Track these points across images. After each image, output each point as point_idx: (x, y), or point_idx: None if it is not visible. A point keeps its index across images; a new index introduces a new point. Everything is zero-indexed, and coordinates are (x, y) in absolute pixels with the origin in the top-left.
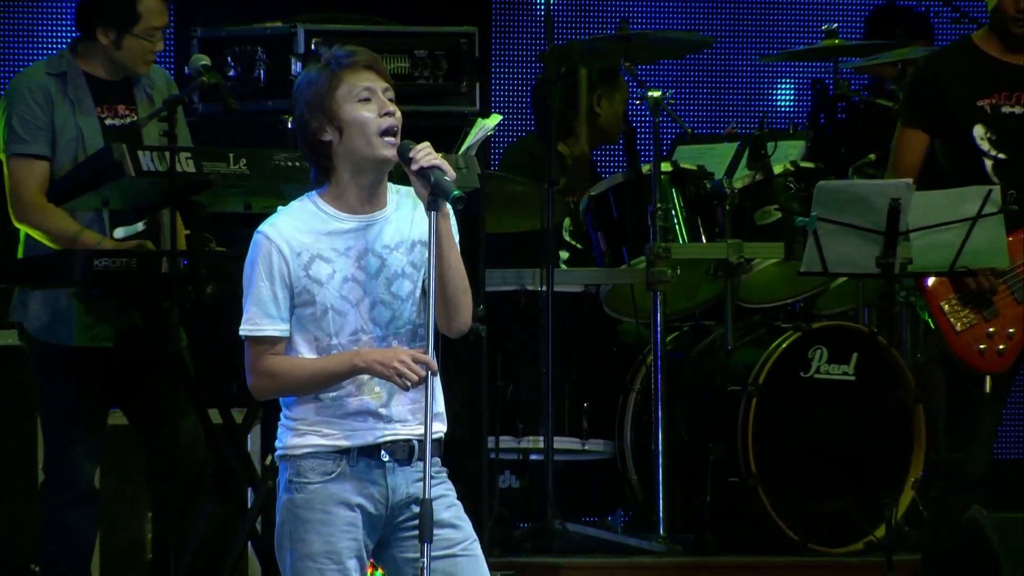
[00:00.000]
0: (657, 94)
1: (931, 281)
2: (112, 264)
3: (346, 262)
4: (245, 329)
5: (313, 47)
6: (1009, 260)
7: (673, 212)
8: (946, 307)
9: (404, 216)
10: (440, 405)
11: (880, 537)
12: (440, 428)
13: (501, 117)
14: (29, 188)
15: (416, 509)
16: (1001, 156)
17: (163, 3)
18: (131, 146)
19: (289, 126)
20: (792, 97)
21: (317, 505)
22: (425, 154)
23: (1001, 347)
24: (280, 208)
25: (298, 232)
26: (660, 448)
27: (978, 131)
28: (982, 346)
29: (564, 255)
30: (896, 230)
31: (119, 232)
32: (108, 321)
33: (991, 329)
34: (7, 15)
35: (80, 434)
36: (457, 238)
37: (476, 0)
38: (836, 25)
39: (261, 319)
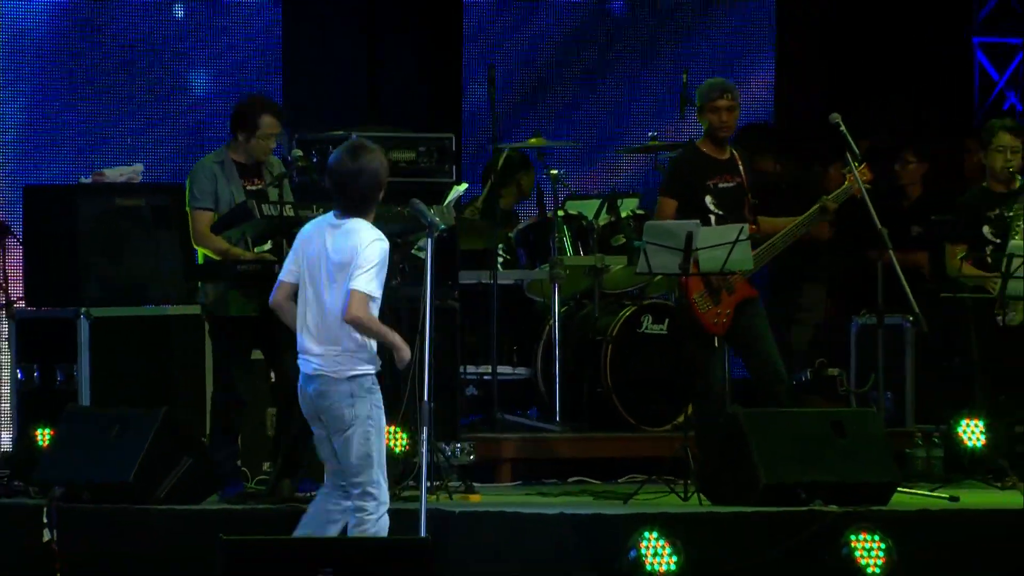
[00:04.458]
0: (555, 172)
1: (687, 280)
2: (248, 268)
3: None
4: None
5: None
6: (753, 265)
7: (565, 239)
8: (695, 296)
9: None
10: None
11: (680, 422)
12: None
13: (467, 185)
14: (201, 225)
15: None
16: (721, 214)
17: (276, 121)
18: (258, 201)
19: None
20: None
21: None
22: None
23: (724, 320)
24: None
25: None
26: (557, 372)
27: (708, 199)
28: (714, 320)
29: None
30: (690, 249)
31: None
32: (252, 300)
33: (718, 310)
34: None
35: (235, 367)
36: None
37: (452, 115)
38: (655, 133)
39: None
